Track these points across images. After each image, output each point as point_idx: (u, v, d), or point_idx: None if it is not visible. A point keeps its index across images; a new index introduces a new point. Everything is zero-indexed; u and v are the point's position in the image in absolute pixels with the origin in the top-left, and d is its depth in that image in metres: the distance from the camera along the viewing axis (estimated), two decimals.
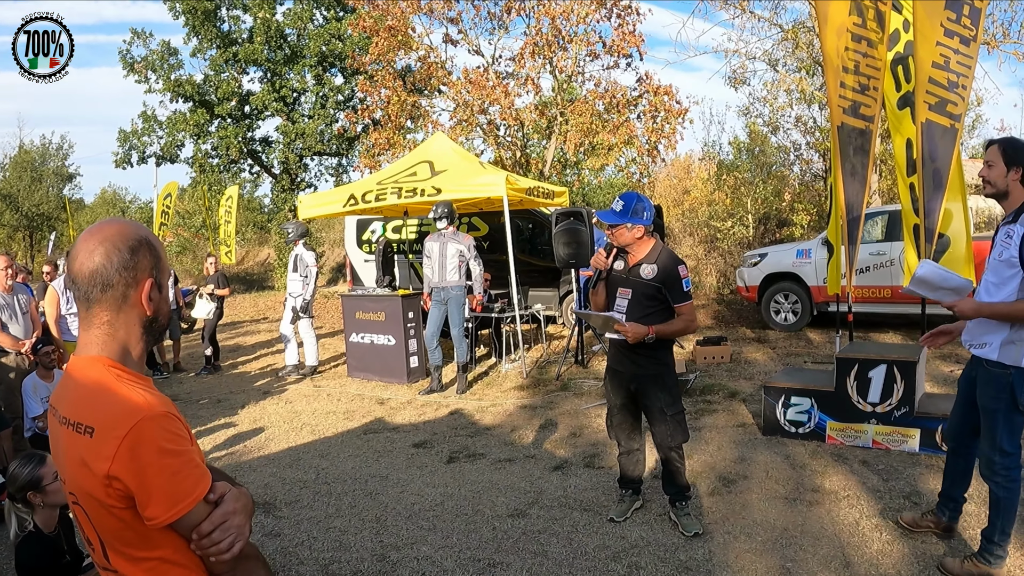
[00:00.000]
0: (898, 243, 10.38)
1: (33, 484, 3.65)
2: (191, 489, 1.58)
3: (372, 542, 5.00)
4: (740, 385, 8.64)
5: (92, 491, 1.59)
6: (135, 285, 1.71)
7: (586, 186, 27.35)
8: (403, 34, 19.51)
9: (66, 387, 1.73)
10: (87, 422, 1.58)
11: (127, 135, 26.69)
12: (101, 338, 1.70)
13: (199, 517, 1.60)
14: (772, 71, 19.16)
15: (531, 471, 6.24)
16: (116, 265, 1.67)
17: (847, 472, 5.68)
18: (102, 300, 1.68)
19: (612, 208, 4.69)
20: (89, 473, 1.57)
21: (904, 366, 6.01)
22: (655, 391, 4.79)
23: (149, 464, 1.53)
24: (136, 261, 1.70)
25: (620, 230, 4.72)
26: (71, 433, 1.62)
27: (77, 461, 1.60)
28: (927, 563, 4.19)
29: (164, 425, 1.58)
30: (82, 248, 1.68)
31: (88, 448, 1.57)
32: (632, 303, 4.73)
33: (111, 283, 1.67)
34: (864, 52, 7.45)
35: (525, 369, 10.00)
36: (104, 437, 1.54)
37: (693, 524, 4.84)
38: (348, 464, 6.74)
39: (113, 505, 1.57)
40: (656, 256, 4.74)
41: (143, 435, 1.54)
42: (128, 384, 1.64)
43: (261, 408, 9.12)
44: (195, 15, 24.73)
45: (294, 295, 10.80)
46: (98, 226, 1.73)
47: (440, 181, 10.13)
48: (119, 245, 1.68)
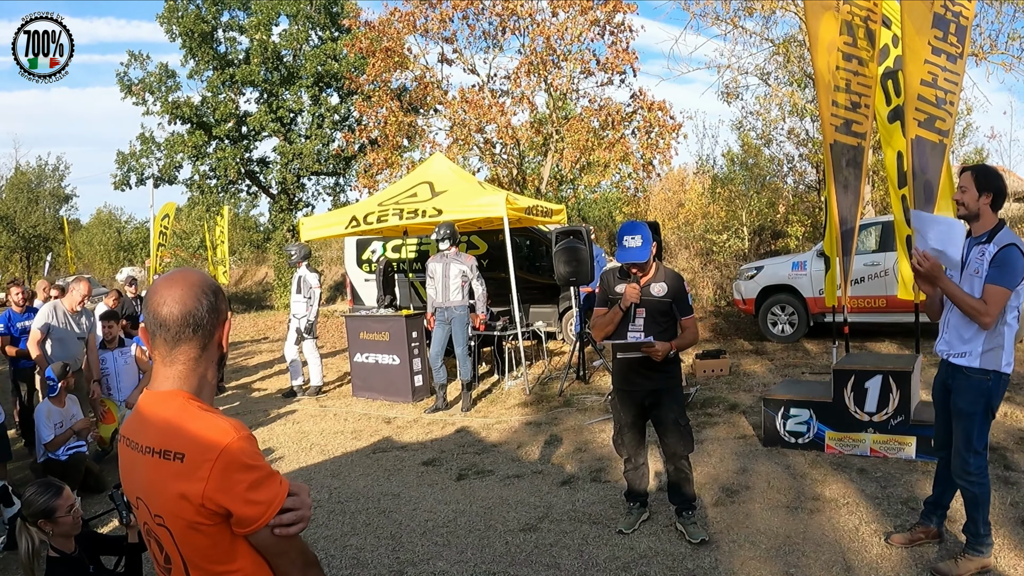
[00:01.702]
0: (892, 253, 10.56)
1: (46, 513, 3.77)
2: (277, 491, 1.80)
3: (389, 559, 5.15)
4: (740, 397, 8.80)
5: (183, 512, 1.77)
6: (219, 326, 1.94)
7: (581, 201, 27.55)
8: (399, 54, 19.72)
9: (144, 419, 1.91)
10: (177, 449, 1.78)
11: (125, 157, 26.81)
12: (183, 373, 1.89)
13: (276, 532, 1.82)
14: (764, 85, 19.41)
15: (539, 486, 6.40)
16: (206, 307, 1.89)
17: (846, 480, 5.85)
18: (192, 339, 1.88)
19: (632, 248, 4.87)
20: (181, 495, 1.75)
21: (899, 376, 6.19)
22: (669, 403, 5.06)
23: (239, 480, 1.74)
24: (219, 304, 1.93)
25: (648, 263, 4.98)
26: (158, 461, 1.81)
27: (167, 486, 1.79)
28: (924, 566, 4.36)
29: (246, 447, 1.78)
30: (170, 294, 1.87)
31: (179, 473, 1.76)
32: (648, 321, 4.97)
33: (202, 324, 1.88)
34: (855, 71, 7.65)
35: (528, 386, 10.15)
36: (196, 461, 1.74)
37: (699, 532, 5.03)
38: (360, 483, 6.89)
39: (202, 523, 1.76)
40: (663, 275, 5.07)
41: (231, 457, 1.74)
42: (210, 414, 1.84)
43: (268, 430, 9.25)
44: (192, 37, 24.90)
45: (298, 316, 10.94)
46: (180, 273, 1.94)
47: (441, 202, 10.30)
48: (206, 290, 1.90)
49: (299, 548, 1.90)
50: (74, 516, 3.88)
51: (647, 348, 4.85)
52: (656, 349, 4.83)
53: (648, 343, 4.83)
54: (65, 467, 6.74)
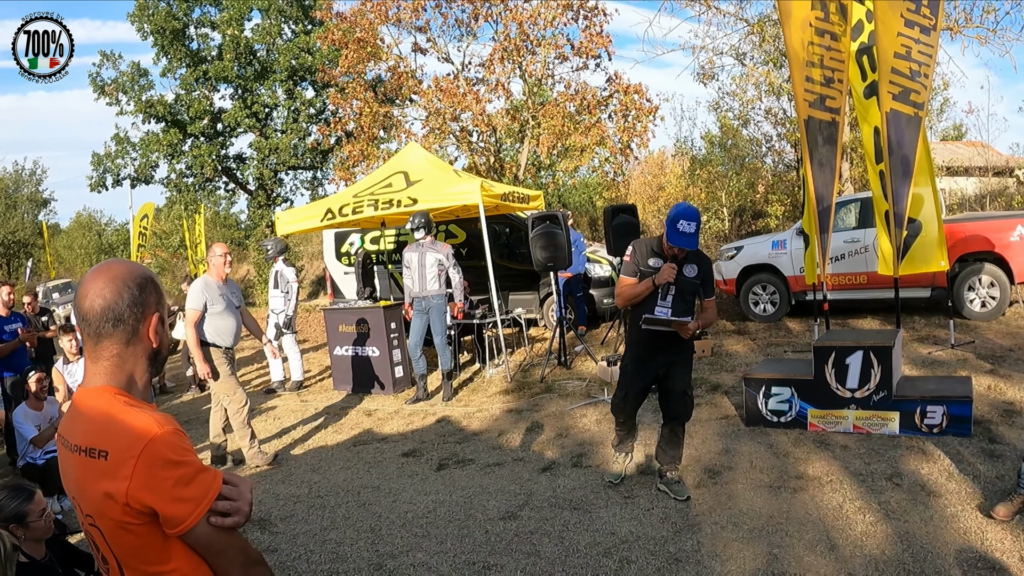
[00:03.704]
0: (871, 230, 10.51)
1: (18, 518, 3.69)
2: (208, 487, 1.70)
3: (368, 552, 5.07)
4: (722, 378, 8.74)
5: (109, 512, 1.68)
6: (144, 320, 1.83)
7: (561, 187, 27.47)
8: (372, 45, 19.55)
9: (75, 417, 1.82)
10: (101, 446, 1.68)
11: (101, 158, 26.53)
12: (109, 369, 1.80)
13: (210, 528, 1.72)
14: (740, 65, 19.34)
15: (520, 474, 6.32)
16: (127, 301, 1.79)
17: (829, 458, 5.80)
18: (113, 334, 1.79)
19: (686, 233, 4.85)
20: (106, 495, 1.66)
21: (880, 351, 6.13)
22: (683, 373, 5.33)
23: (165, 477, 1.64)
24: (144, 297, 1.82)
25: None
26: (85, 459, 1.72)
27: (93, 485, 1.70)
28: (910, 542, 4.30)
29: (172, 441, 1.68)
30: (91, 287, 1.78)
31: (104, 471, 1.67)
32: (676, 299, 5.13)
33: (122, 318, 1.78)
34: (828, 45, 7.59)
35: (509, 373, 10.07)
36: (119, 459, 1.65)
37: (684, 490, 5.34)
38: (340, 476, 6.80)
39: (131, 522, 1.67)
40: (695, 256, 5.16)
41: (155, 453, 1.64)
42: (135, 409, 1.74)
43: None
44: (163, 35, 24.62)
45: (276, 311, 10.84)
46: (105, 265, 1.84)
47: (416, 191, 10.20)
48: (128, 283, 1.80)
49: (239, 546, 1.79)
50: (46, 520, 3.80)
51: (679, 326, 5.02)
52: (689, 328, 5.01)
53: (683, 321, 5.00)
54: (43, 471, 6.63)
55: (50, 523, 3.80)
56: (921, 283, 10.47)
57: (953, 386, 6.29)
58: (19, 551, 3.72)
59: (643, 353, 5.32)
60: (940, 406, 5.91)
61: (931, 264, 8.16)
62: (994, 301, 10.42)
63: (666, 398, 5.37)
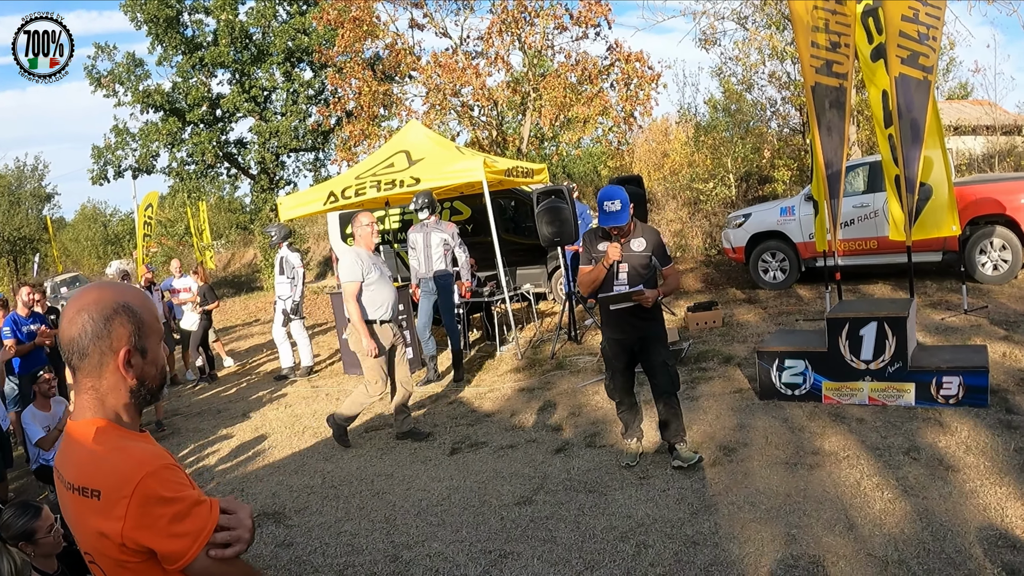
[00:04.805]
0: (880, 194, 10.40)
1: (26, 536, 3.65)
2: (205, 520, 1.64)
3: (384, 543, 5.03)
4: (734, 349, 8.66)
5: (107, 551, 1.63)
6: (111, 354, 1.71)
7: (565, 158, 27.31)
8: (368, 23, 19.36)
9: (67, 452, 1.75)
10: (93, 486, 1.62)
11: (101, 151, 26.45)
12: (90, 403, 1.72)
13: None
14: (742, 29, 19.08)
15: (534, 456, 6.28)
16: (90, 335, 1.68)
17: (846, 432, 5.73)
18: (81, 368, 1.70)
19: (613, 211, 5.22)
20: (102, 534, 1.61)
21: (894, 322, 6.04)
22: (657, 347, 5.50)
23: (160, 515, 1.58)
24: (110, 330, 1.70)
25: (628, 224, 5.34)
26: (78, 498, 1.65)
27: (88, 524, 1.64)
28: (930, 520, 4.23)
29: (165, 477, 1.62)
30: (65, 315, 1.71)
31: (98, 511, 1.60)
32: (631, 275, 5.38)
33: (86, 352, 1.69)
34: (833, 9, 7.44)
35: (519, 350, 10.02)
36: (112, 499, 1.58)
37: (693, 456, 5.48)
38: (353, 465, 6.76)
39: (129, 560, 1.62)
40: (641, 231, 5.48)
41: (148, 491, 1.58)
42: (126, 442, 1.67)
43: (261, 415, 9.12)
44: (157, 23, 24.46)
45: (283, 297, 10.78)
46: (81, 292, 1.75)
47: (418, 170, 10.10)
48: (93, 314, 1.69)
49: (242, 572, 1.73)
50: (55, 536, 3.76)
51: (637, 296, 5.25)
52: (646, 296, 5.26)
53: (638, 291, 5.23)
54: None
55: (59, 538, 3.76)
56: (932, 247, 10.36)
57: (969, 356, 6.19)
58: (30, 567, 3.69)
59: (615, 332, 5.61)
60: (956, 376, 5.82)
61: (943, 229, 8.06)
62: (1006, 264, 10.29)
63: (649, 374, 5.57)
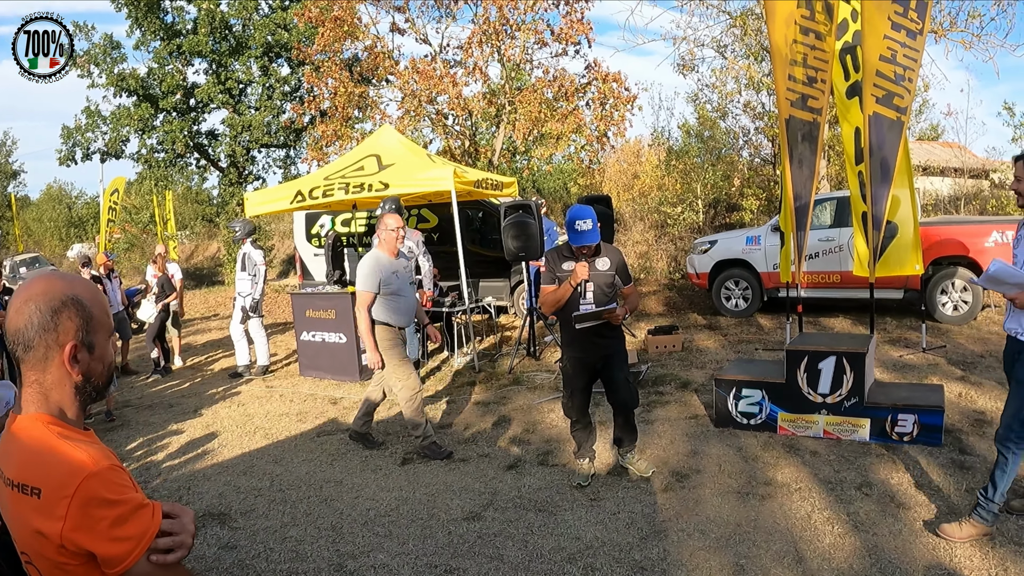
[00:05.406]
0: (847, 229, 10.49)
1: None
2: (148, 524, 1.59)
3: (329, 551, 4.93)
4: (692, 375, 8.66)
5: (45, 551, 1.57)
6: (57, 348, 1.65)
7: (536, 173, 27.34)
8: (349, 24, 19.28)
9: (8, 446, 1.67)
10: (33, 483, 1.56)
11: (70, 131, 26.05)
12: (34, 397, 1.66)
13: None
14: (721, 58, 19.24)
15: (485, 471, 6.21)
16: (36, 327, 1.63)
17: (799, 464, 5.73)
18: (26, 360, 1.64)
19: (585, 231, 5.26)
20: (40, 534, 1.55)
21: (853, 357, 6.06)
22: (619, 364, 5.56)
23: (101, 517, 1.53)
24: (57, 323, 1.64)
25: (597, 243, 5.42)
26: (17, 495, 1.59)
27: (27, 522, 1.57)
28: (879, 556, 4.23)
29: (109, 478, 1.56)
30: (12, 304, 1.64)
31: (37, 509, 1.54)
32: (596, 294, 5.42)
33: (31, 345, 1.63)
34: (812, 44, 7.49)
35: (477, 363, 9.95)
36: (53, 498, 1.53)
37: (648, 467, 5.72)
38: (302, 469, 6.65)
39: (67, 563, 1.56)
40: (604, 251, 5.53)
41: (90, 491, 1.52)
42: (70, 441, 1.60)
43: (213, 412, 8.96)
44: (138, 7, 24.17)
45: (243, 294, 10.63)
46: (30, 282, 1.68)
47: (388, 175, 10.03)
48: (40, 306, 1.63)
49: None
50: None
51: (608, 313, 5.28)
52: (617, 313, 5.32)
53: (610, 308, 5.28)
54: None
55: None
56: (894, 285, 10.46)
57: (925, 394, 6.23)
58: None
59: (578, 351, 5.58)
60: (911, 415, 5.85)
61: (906, 267, 8.13)
62: (966, 305, 10.42)
63: (609, 389, 5.60)
